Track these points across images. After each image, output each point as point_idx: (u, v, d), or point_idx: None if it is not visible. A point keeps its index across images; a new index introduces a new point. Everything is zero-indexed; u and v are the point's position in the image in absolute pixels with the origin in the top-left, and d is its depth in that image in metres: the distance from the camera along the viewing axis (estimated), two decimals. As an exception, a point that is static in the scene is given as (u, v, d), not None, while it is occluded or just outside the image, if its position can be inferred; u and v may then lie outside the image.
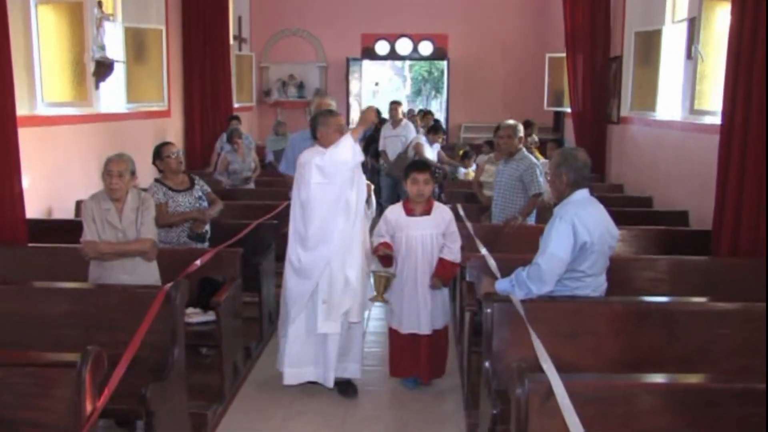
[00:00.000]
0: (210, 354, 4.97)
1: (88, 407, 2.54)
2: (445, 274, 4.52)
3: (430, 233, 4.48)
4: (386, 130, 9.57)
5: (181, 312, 3.75)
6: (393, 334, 4.67)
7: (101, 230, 4.11)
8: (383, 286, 4.35)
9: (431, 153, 9.12)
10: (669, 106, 7.62)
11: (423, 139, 9.24)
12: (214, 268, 4.65)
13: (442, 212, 4.55)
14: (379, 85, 26.01)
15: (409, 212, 4.51)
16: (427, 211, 4.50)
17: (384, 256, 4.49)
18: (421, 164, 4.78)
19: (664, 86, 7.77)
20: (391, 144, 9.46)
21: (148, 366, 3.50)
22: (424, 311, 4.51)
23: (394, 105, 9.69)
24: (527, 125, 7.73)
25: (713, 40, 6.23)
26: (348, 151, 4.14)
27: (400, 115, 9.59)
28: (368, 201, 4.44)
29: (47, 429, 2.60)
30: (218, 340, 4.38)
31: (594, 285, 3.65)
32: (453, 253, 4.51)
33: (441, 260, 4.50)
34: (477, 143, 10.80)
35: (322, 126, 4.35)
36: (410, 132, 9.45)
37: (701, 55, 6.28)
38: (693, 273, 4.58)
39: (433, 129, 9.76)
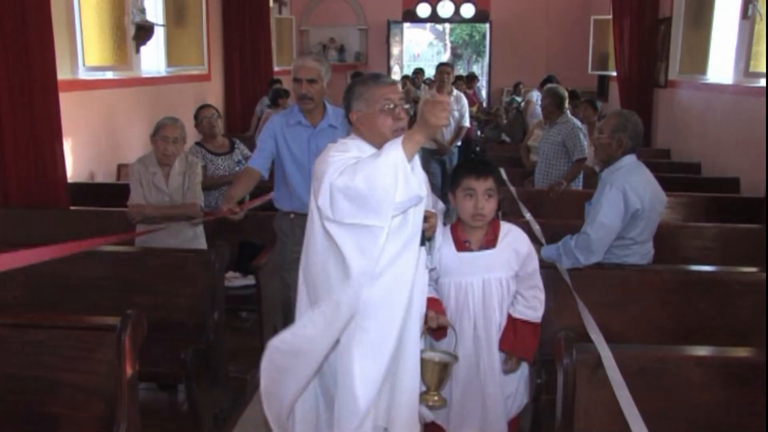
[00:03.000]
0: (249, 318, 4.99)
1: (129, 370, 2.54)
2: (521, 346, 2.83)
3: (496, 277, 2.80)
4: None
5: (221, 276, 3.74)
6: None
7: (148, 194, 4.14)
8: (439, 378, 2.62)
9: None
10: (720, 68, 7.36)
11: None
12: (254, 231, 4.64)
13: (515, 240, 2.84)
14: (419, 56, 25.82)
15: (462, 245, 2.82)
16: (491, 242, 2.81)
17: (436, 328, 2.72)
18: (479, 164, 2.86)
19: (716, 48, 7.50)
20: None
21: (188, 330, 3.52)
22: (492, 405, 2.89)
23: (444, 68, 7.43)
24: (573, 96, 7.58)
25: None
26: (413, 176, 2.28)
27: (451, 85, 7.51)
28: (429, 243, 2.60)
29: (89, 391, 2.61)
30: (258, 304, 4.38)
31: (642, 252, 3.55)
32: (532, 307, 2.82)
33: (514, 322, 2.82)
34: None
35: (364, 101, 2.52)
36: (463, 106, 7.49)
37: (760, 13, 6.02)
38: (744, 242, 4.42)
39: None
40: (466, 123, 7.65)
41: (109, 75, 6.49)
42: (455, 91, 7.55)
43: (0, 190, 4.54)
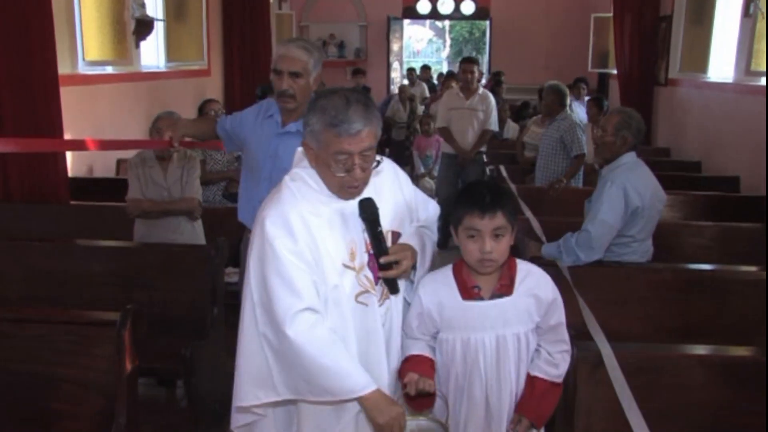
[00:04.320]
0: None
1: (128, 366, 2.54)
2: (534, 409, 2.29)
3: (513, 332, 2.24)
4: (453, 100, 6.74)
5: (221, 271, 3.74)
6: None
7: (146, 188, 4.13)
8: None
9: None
10: (721, 67, 7.35)
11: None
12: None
13: (535, 284, 2.25)
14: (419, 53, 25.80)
15: (469, 292, 2.23)
16: (506, 288, 2.23)
17: (420, 396, 2.19)
18: (483, 196, 2.16)
19: (717, 46, 7.49)
20: (458, 120, 6.62)
21: (188, 325, 3.51)
22: None
23: (468, 66, 6.64)
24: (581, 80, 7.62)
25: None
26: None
27: (476, 82, 6.70)
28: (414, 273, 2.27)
29: (88, 386, 2.61)
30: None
31: (641, 250, 3.56)
32: (555, 364, 2.30)
33: (531, 380, 2.29)
34: (517, 105, 10.63)
35: (316, 141, 2.05)
36: (490, 105, 6.62)
37: (761, 12, 6.02)
38: (744, 240, 4.42)
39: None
40: (493, 126, 6.69)
41: (108, 70, 6.47)
42: (481, 89, 6.75)
43: (2, 185, 4.53)
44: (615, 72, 9.80)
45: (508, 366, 2.24)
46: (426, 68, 13.30)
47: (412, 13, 14.21)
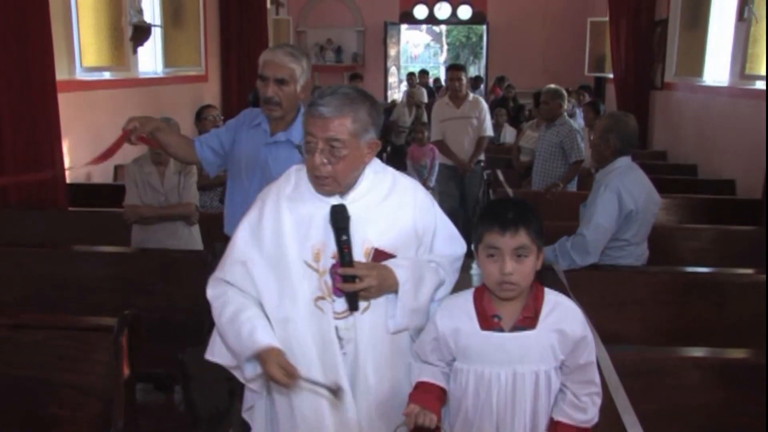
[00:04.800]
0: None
1: (126, 371, 2.54)
2: None
3: (533, 370, 2.04)
4: (443, 110, 6.50)
5: (219, 277, 3.73)
6: None
7: (143, 194, 4.14)
8: None
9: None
10: (716, 71, 7.38)
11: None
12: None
13: (563, 318, 2.05)
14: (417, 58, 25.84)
15: (489, 321, 2.06)
16: (530, 320, 2.04)
17: (419, 430, 2.04)
18: (506, 212, 2.02)
19: (712, 50, 7.52)
20: (453, 130, 6.39)
21: (185, 331, 3.52)
22: None
23: (455, 74, 6.42)
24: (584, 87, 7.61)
25: (768, 1, 5.99)
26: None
27: (465, 89, 6.48)
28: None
29: (87, 392, 2.61)
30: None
31: (636, 254, 3.57)
32: (581, 408, 2.08)
33: (556, 427, 2.09)
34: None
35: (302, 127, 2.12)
36: (483, 111, 6.42)
37: (755, 16, 6.05)
38: (740, 243, 4.44)
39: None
40: (488, 132, 6.48)
41: (106, 76, 6.48)
42: (471, 95, 6.55)
43: (-1, 190, 4.55)
44: (611, 76, 9.82)
45: (524, 406, 2.04)
46: (424, 73, 13.32)
47: (409, 18, 14.24)
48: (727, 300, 3.39)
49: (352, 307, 2.05)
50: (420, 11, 14.05)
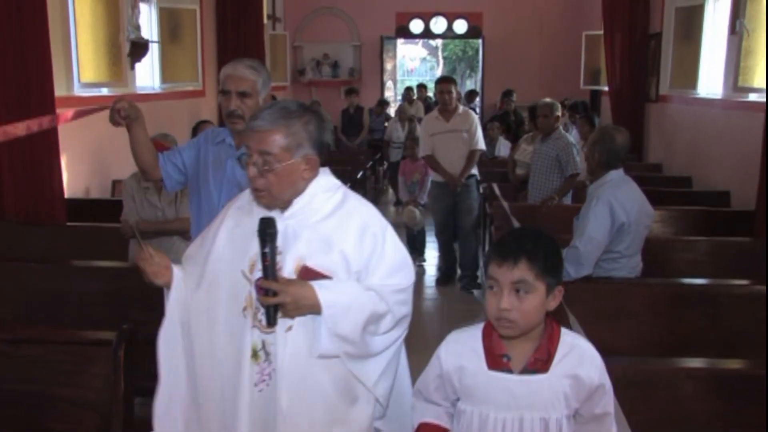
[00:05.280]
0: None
1: (124, 385, 2.56)
2: None
3: (542, 417, 1.88)
4: (433, 124, 6.34)
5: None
6: None
7: (140, 209, 4.16)
8: None
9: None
10: (710, 83, 7.43)
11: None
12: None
13: (579, 363, 1.89)
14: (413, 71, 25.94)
15: (496, 361, 1.91)
16: (542, 363, 1.88)
17: None
18: (509, 243, 1.89)
19: (705, 63, 7.58)
20: (442, 145, 6.23)
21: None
22: None
23: (443, 87, 6.25)
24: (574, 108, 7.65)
25: (760, 14, 6.04)
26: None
27: (455, 102, 6.33)
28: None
29: (85, 406, 2.62)
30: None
31: (630, 266, 3.60)
32: None
33: None
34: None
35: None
36: (473, 124, 6.24)
37: (747, 29, 6.10)
38: (734, 255, 4.47)
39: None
40: (479, 146, 6.29)
41: (104, 91, 6.51)
42: (461, 108, 6.35)
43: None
44: (607, 89, 9.88)
45: None
46: (422, 87, 13.39)
47: (405, 33, 14.31)
48: (721, 311, 3.41)
49: (269, 322, 2.00)
50: (416, 26, 14.12)
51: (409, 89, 12.66)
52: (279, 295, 1.94)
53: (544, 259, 1.82)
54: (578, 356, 1.88)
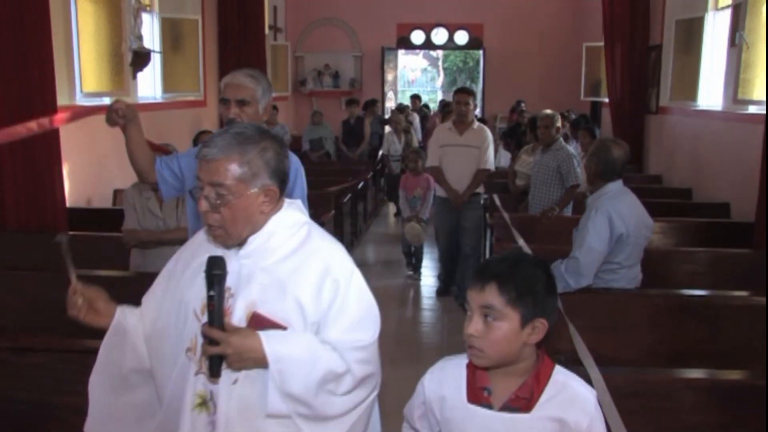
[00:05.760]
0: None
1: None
2: None
3: None
4: (444, 135, 6.04)
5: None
6: None
7: (142, 218, 4.17)
8: None
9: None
10: (710, 95, 7.46)
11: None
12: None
13: (569, 403, 1.72)
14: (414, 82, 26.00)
15: (477, 394, 1.76)
16: (525, 402, 1.72)
17: None
18: (483, 265, 1.80)
19: (705, 75, 7.61)
20: (451, 158, 5.94)
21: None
22: None
23: (462, 97, 5.96)
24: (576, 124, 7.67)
25: (759, 27, 6.07)
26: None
27: (472, 115, 6.01)
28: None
29: (86, 414, 2.62)
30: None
31: (629, 277, 3.61)
32: None
33: None
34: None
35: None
36: (487, 141, 5.92)
37: (746, 42, 6.13)
38: (734, 266, 4.47)
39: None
40: (489, 165, 5.97)
41: (106, 101, 6.53)
42: (476, 123, 6.03)
43: (-2, 215, 4.58)
44: (607, 100, 9.90)
45: None
46: (416, 98, 13.44)
47: (406, 44, 14.37)
48: (721, 323, 3.42)
49: (211, 372, 1.78)
50: (417, 36, 14.18)
51: (415, 97, 12.75)
52: (221, 345, 1.73)
53: (519, 287, 1.65)
54: (568, 399, 1.71)
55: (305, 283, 1.81)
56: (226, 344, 1.73)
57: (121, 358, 2.05)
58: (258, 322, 1.79)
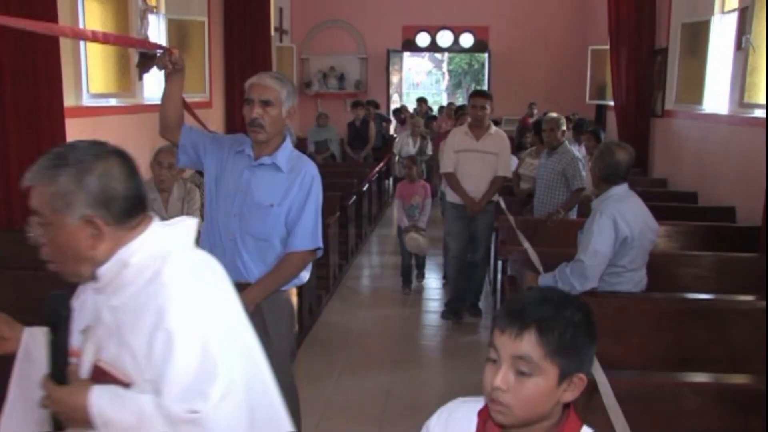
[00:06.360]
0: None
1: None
2: None
3: None
4: (460, 140, 5.74)
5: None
6: None
7: (146, 220, 4.18)
8: None
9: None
10: (716, 99, 7.45)
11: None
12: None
13: None
14: (419, 85, 26.00)
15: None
16: None
17: None
18: (520, 306, 1.41)
19: (711, 79, 7.60)
20: (467, 164, 5.68)
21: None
22: None
23: (478, 101, 5.67)
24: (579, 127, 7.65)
25: (765, 31, 6.06)
26: None
27: (488, 119, 5.74)
28: None
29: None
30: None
31: (635, 280, 3.61)
32: None
33: None
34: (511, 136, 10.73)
35: None
36: (505, 147, 5.71)
37: (753, 46, 6.12)
38: (739, 270, 4.46)
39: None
40: (505, 172, 5.78)
41: (112, 102, 6.56)
42: (493, 128, 5.77)
43: (5, 214, 4.58)
44: (612, 103, 9.90)
45: None
46: (422, 101, 13.44)
47: (411, 46, 14.38)
48: (726, 326, 3.41)
49: (53, 425, 1.57)
50: (422, 39, 14.19)
51: (421, 100, 12.74)
52: (46, 402, 1.52)
53: (563, 335, 1.37)
54: None
55: (141, 332, 1.49)
56: (50, 400, 1.51)
57: (34, 388, 1.63)
58: (99, 375, 1.53)
